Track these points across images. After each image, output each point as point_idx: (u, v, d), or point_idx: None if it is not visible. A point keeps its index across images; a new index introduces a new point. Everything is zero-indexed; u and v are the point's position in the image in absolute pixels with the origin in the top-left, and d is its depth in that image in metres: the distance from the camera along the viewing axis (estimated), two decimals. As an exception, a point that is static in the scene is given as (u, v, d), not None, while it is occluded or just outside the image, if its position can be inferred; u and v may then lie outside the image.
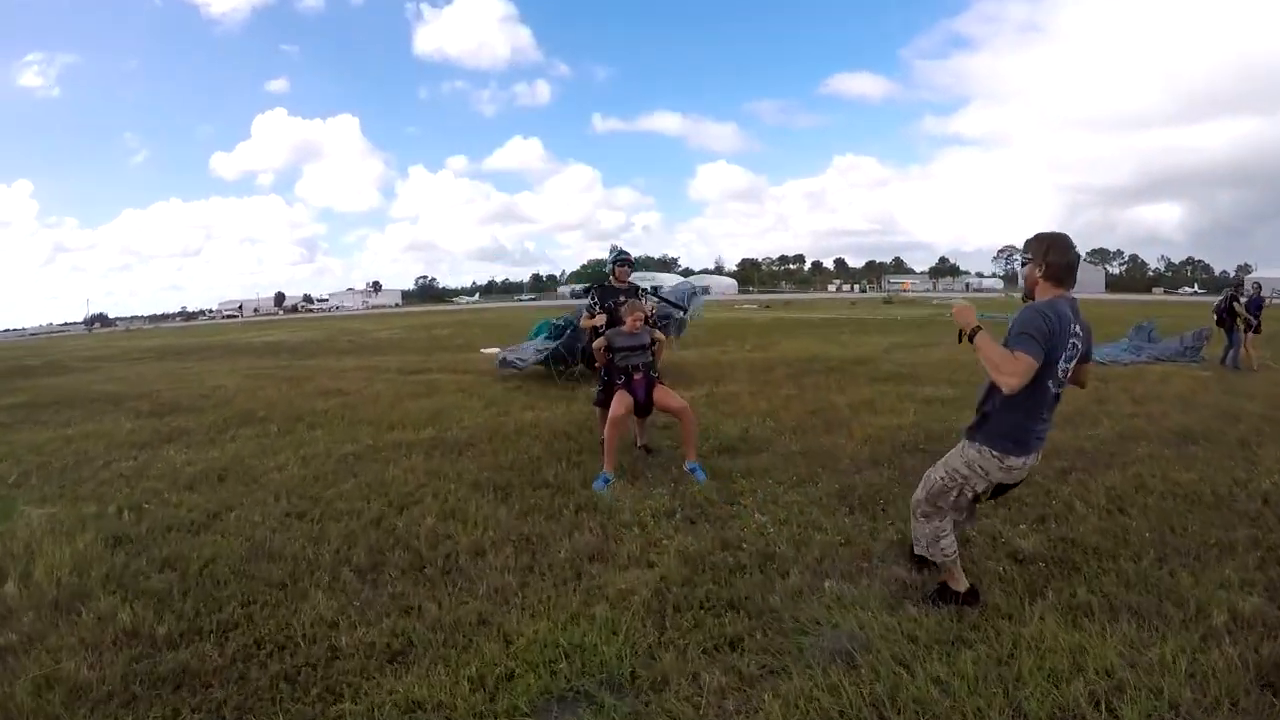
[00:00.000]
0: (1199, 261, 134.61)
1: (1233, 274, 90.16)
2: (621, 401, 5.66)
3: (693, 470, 5.64)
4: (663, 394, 5.95)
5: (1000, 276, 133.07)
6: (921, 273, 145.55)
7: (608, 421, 5.63)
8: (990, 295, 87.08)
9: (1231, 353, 12.75)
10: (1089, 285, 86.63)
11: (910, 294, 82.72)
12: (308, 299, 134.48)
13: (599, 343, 5.98)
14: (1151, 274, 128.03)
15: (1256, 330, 12.96)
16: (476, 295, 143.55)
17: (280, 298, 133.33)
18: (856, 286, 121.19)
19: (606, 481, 5.42)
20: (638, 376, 5.84)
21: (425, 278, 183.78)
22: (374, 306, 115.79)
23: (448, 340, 23.43)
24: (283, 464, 6.45)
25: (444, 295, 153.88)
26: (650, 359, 5.99)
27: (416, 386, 11.30)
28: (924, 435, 6.93)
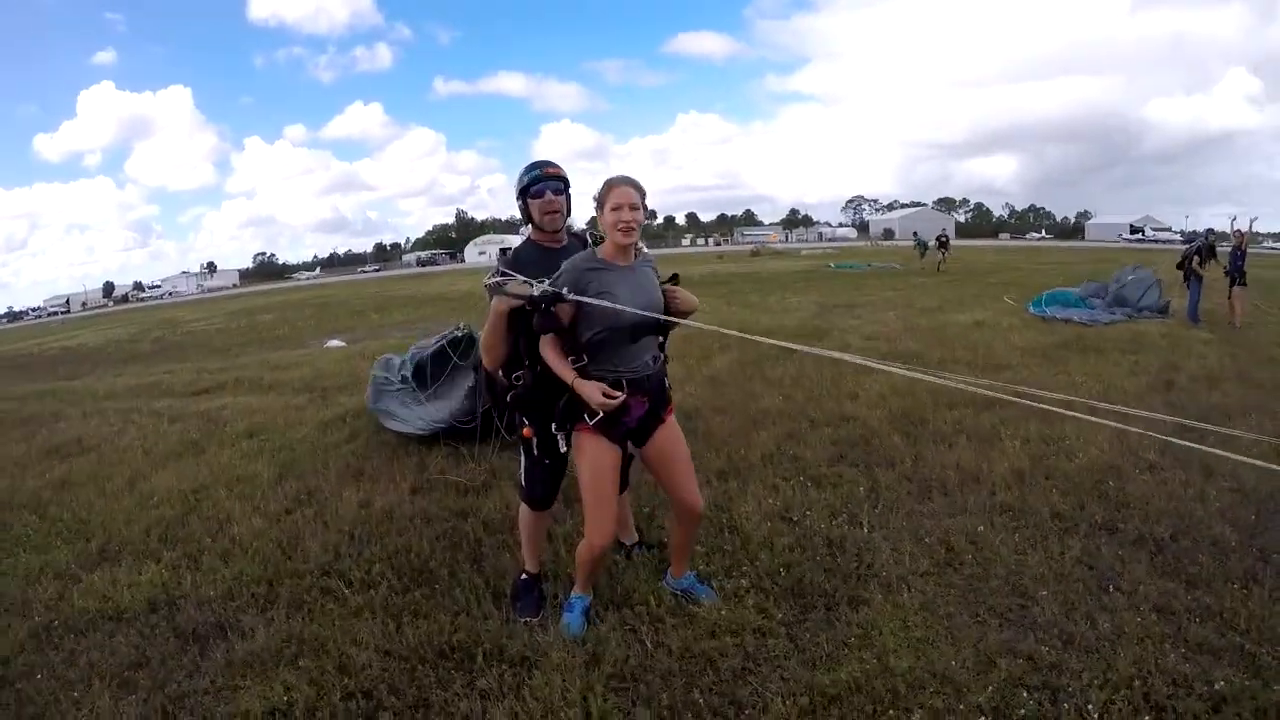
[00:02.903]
0: (1041, 209, 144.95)
1: (1138, 220, 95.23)
2: (604, 488, 2.61)
3: (689, 589, 3.01)
4: (677, 466, 2.79)
5: (852, 225, 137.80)
6: (773, 224, 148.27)
7: (589, 555, 2.69)
8: (846, 244, 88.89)
9: (1191, 305, 11.53)
10: (939, 232, 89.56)
11: (779, 246, 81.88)
12: (139, 287, 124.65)
13: (550, 354, 2.54)
14: (996, 220, 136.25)
15: (1241, 282, 11.22)
16: (317, 270, 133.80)
17: (109, 288, 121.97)
18: (712, 240, 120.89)
19: (585, 611, 2.86)
20: (636, 403, 2.61)
21: (264, 254, 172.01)
22: (210, 289, 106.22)
23: (268, 330, 18.57)
24: None
25: (283, 272, 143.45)
26: (663, 360, 2.78)
27: (190, 426, 7.15)
28: (1124, 494, 3.99)
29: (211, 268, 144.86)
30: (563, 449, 2.57)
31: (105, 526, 4.48)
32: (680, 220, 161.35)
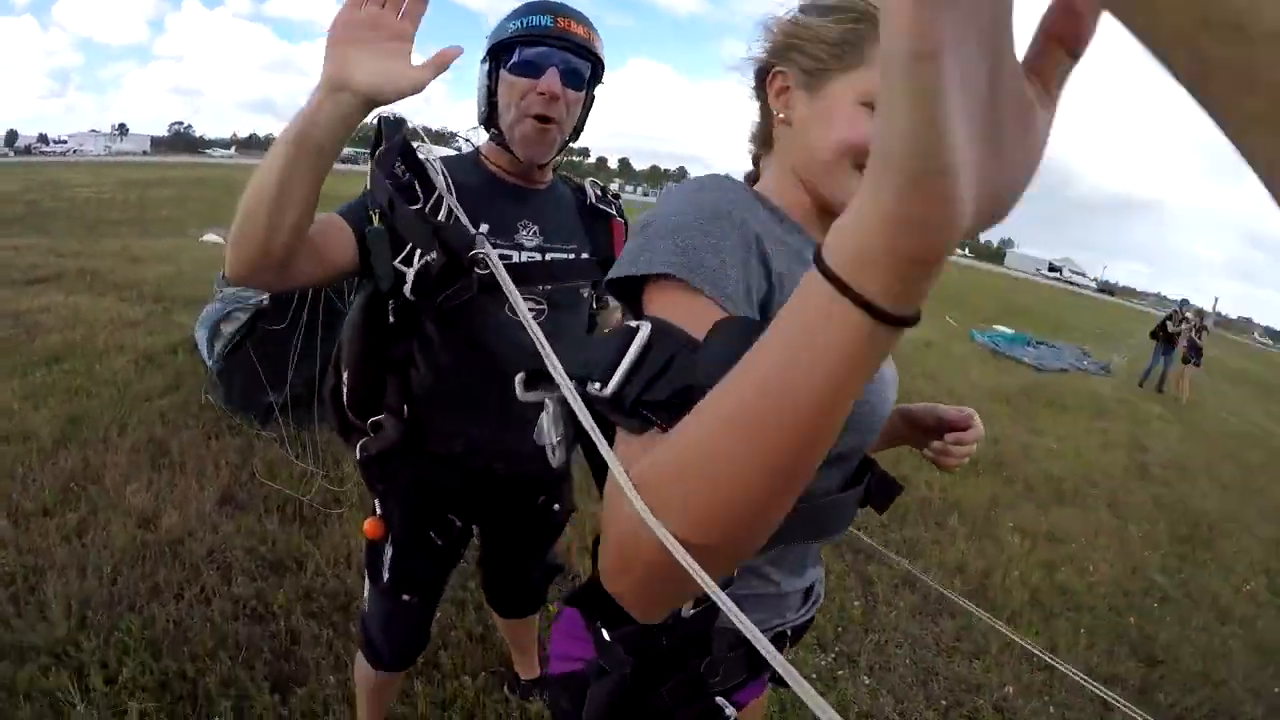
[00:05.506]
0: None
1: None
2: None
3: None
4: None
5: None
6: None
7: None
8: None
9: (1159, 373, 11.55)
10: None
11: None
12: (43, 139, 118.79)
13: None
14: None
15: (1197, 363, 11.21)
16: (233, 149, 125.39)
17: (13, 137, 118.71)
18: (640, 190, 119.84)
19: None
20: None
21: (180, 124, 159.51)
22: (118, 152, 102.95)
23: (154, 208, 16.27)
24: None
25: (198, 145, 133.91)
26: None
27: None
28: (1146, 638, 3.20)
29: (123, 130, 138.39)
30: None
31: None
32: (613, 164, 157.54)
